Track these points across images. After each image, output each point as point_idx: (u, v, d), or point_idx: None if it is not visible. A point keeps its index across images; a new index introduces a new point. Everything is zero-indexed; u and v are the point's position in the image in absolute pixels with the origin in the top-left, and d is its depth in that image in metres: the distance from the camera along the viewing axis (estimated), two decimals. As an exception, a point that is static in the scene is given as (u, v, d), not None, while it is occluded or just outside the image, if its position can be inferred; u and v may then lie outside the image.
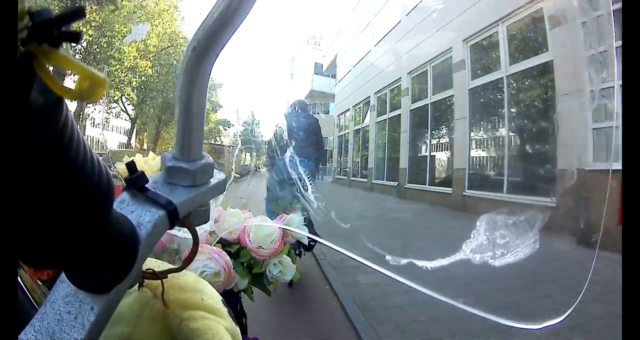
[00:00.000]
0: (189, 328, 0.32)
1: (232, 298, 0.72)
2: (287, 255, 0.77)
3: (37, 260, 0.20)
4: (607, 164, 3.41)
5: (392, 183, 9.28)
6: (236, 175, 0.67)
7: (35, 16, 0.14)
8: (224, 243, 0.73)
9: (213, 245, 0.66)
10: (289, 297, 2.29)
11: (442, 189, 7.08)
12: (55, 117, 0.16)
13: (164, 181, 0.29)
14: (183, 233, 0.60)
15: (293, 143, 2.72)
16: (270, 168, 2.91)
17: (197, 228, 0.32)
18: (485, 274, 2.17)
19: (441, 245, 3.05)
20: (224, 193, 0.34)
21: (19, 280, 0.32)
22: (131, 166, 0.27)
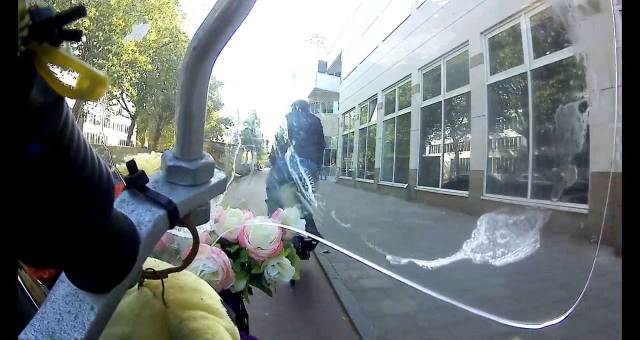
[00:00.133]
0: (189, 328, 0.32)
1: (234, 298, 0.72)
2: (289, 257, 0.77)
3: (37, 259, 0.20)
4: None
5: (401, 185, 8.87)
6: (237, 174, 0.67)
7: (35, 15, 0.14)
8: (224, 243, 0.73)
9: (213, 245, 0.66)
10: (291, 297, 2.29)
11: (457, 192, 6.59)
12: (55, 116, 0.16)
13: (165, 180, 0.29)
14: (183, 233, 0.60)
15: (294, 143, 2.73)
16: (271, 168, 2.91)
17: (197, 228, 0.32)
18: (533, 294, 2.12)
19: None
20: (225, 193, 0.34)
21: (19, 279, 0.32)
22: (131, 165, 0.27)
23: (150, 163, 0.66)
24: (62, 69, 0.16)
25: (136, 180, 0.27)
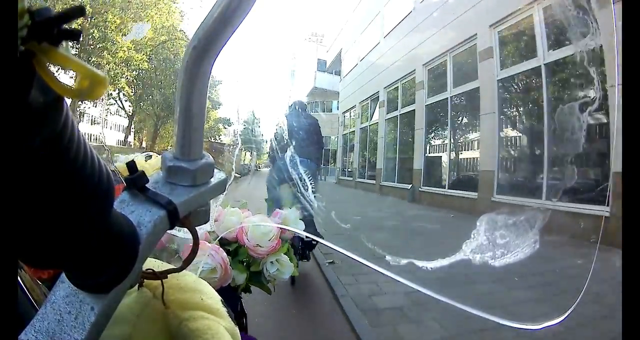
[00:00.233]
0: (189, 328, 0.32)
1: (233, 298, 0.72)
2: (286, 254, 0.77)
3: (37, 260, 0.20)
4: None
5: (405, 186, 8.52)
6: (236, 175, 0.67)
7: (35, 15, 0.14)
8: (223, 242, 0.73)
9: (213, 243, 0.66)
10: (290, 297, 2.29)
11: (465, 194, 6.23)
12: (55, 116, 0.16)
13: (164, 181, 0.29)
14: (183, 233, 0.60)
15: (293, 143, 2.73)
16: (270, 168, 2.91)
17: (197, 228, 0.32)
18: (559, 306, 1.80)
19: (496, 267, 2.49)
20: (224, 193, 0.34)
21: (19, 280, 0.32)
22: (131, 166, 0.27)
23: (149, 164, 0.66)
24: (61, 69, 0.16)
25: (136, 180, 0.27)
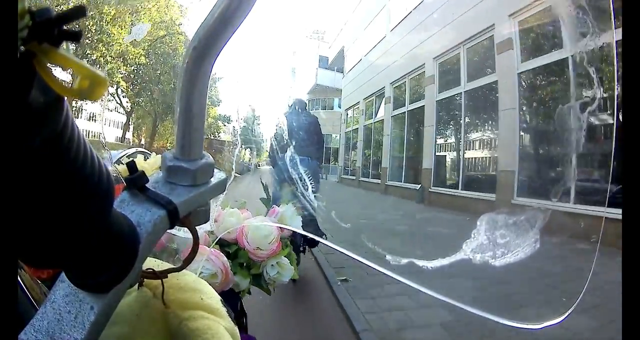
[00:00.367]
0: (189, 328, 0.32)
1: (233, 298, 0.72)
2: (287, 256, 0.77)
3: (37, 259, 0.20)
4: None
5: (413, 186, 8.06)
6: (236, 174, 0.67)
7: (35, 15, 0.14)
8: (223, 243, 0.73)
9: (212, 246, 0.66)
10: (290, 298, 2.29)
11: (481, 195, 5.76)
12: (55, 117, 0.16)
13: (165, 181, 0.29)
14: (183, 233, 0.60)
15: (294, 142, 2.73)
16: (271, 168, 2.90)
17: (197, 228, 0.32)
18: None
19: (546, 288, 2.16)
20: (224, 193, 0.34)
21: (19, 279, 0.32)
22: (131, 165, 0.27)
23: (149, 163, 0.66)
24: (62, 69, 0.16)
25: (136, 180, 0.27)
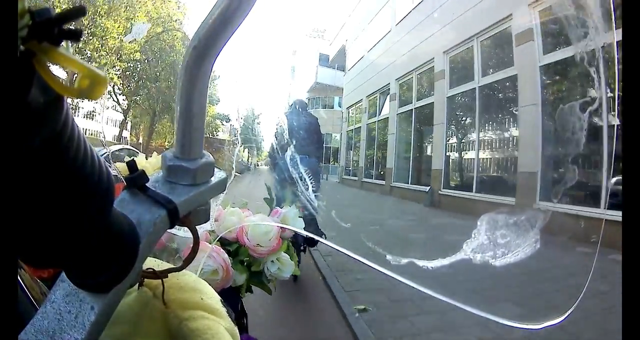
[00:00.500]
0: (189, 328, 0.32)
1: (233, 298, 0.72)
2: (286, 252, 0.77)
3: (37, 259, 0.20)
4: None
5: (421, 188, 7.64)
6: (237, 174, 0.67)
7: (35, 15, 0.14)
8: (223, 242, 0.73)
9: (213, 244, 0.66)
10: (290, 298, 2.29)
11: (498, 198, 5.31)
12: (55, 116, 0.16)
13: (165, 180, 0.29)
14: (183, 232, 0.60)
15: (294, 142, 2.73)
16: (271, 168, 2.90)
17: (198, 227, 0.32)
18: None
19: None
20: (225, 192, 0.34)
21: (19, 279, 0.32)
22: (131, 165, 0.27)
23: (150, 163, 0.66)
24: (62, 68, 0.16)
25: (136, 179, 0.27)
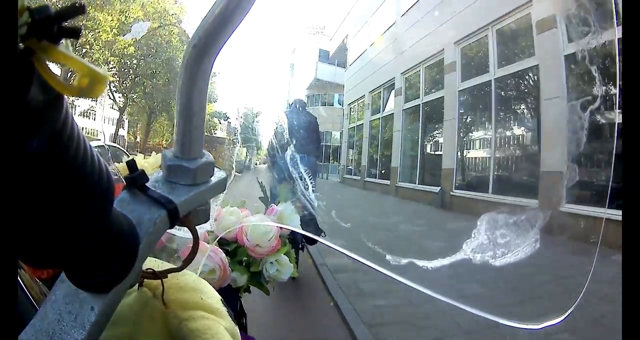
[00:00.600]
0: (189, 328, 0.32)
1: (233, 298, 0.72)
2: (286, 254, 0.77)
3: (37, 259, 0.20)
4: None
5: (430, 188, 7.17)
6: (237, 173, 0.67)
7: (34, 13, 0.14)
8: (222, 242, 0.73)
9: (212, 244, 0.66)
10: (289, 298, 2.29)
11: (519, 200, 4.67)
12: (54, 115, 0.16)
13: (165, 180, 0.29)
14: (183, 232, 0.60)
15: (293, 141, 2.73)
16: (271, 167, 2.90)
17: (197, 227, 0.31)
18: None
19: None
20: (225, 192, 0.34)
21: (19, 279, 0.32)
22: (131, 164, 0.27)
23: (149, 162, 0.66)
24: (61, 66, 0.16)
25: (136, 179, 0.27)
